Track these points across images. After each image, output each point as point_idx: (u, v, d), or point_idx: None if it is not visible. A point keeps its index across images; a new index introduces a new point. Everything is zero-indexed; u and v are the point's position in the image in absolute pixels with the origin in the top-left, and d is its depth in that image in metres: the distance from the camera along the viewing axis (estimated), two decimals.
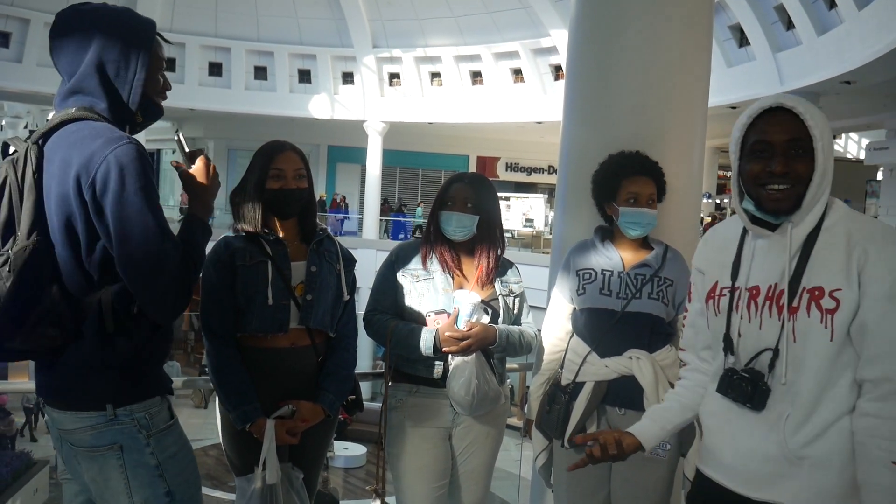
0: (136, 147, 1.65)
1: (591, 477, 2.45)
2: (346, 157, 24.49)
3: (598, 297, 2.42)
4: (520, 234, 20.78)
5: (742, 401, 1.67)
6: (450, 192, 2.53)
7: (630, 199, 2.43)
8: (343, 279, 2.43)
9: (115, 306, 1.69)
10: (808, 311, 1.60)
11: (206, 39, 20.13)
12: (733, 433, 1.71)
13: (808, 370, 1.61)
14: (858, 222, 1.64)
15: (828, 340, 1.59)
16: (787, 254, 1.64)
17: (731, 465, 1.71)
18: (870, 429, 1.55)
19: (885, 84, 12.25)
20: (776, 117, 1.64)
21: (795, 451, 1.61)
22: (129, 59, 1.73)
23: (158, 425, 1.77)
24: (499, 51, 19.40)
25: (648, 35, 2.77)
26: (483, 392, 2.40)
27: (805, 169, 1.62)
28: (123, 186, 1.61)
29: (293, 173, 2.34)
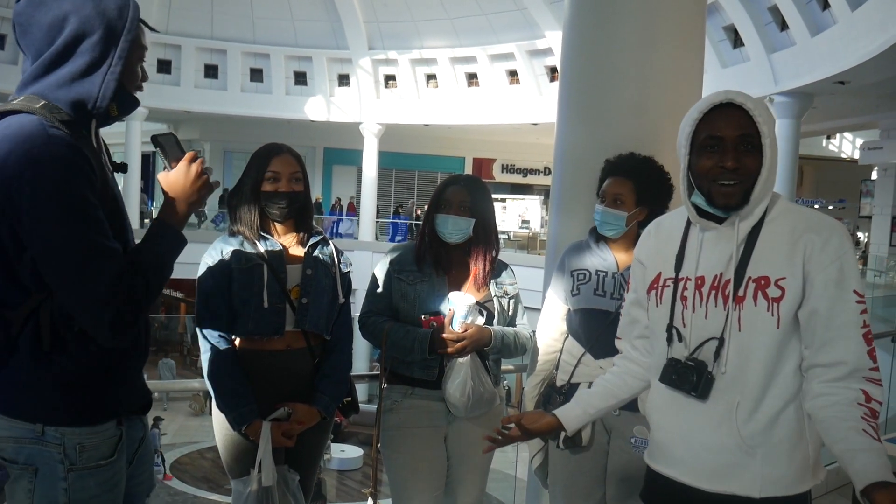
0: (60, 148, 1.43)
1: (586, 477, 2.46)
2: (342, 160, 24.49)
3: (592, 298, 2.43)
4: (516, 235, 20.81)
5: (687, 389, 1.67)
6: (445, 195, 2.53)
7: (602, 198, 2.47)
8: (338, 282, 2.43)
9: (55, 320, 1.49)
10: (754, 299, 1.63)
11: (202, 41, 20.12)
12: (681, 426, 1.71)
13: (755, 359, 1.63)
14: (801, 214, 1.69)
15: (774, 328, 1.62)
16: (733, 244, 1.66)
17: (681, 458, 1.71)
18: (830, 406, 1.58)
19: (878, 84, 12.29)
20: (726, 113, 1.66)
21: (748, 439, 1.62)
22: (107, 47, 1.52)
23: (87, 461, 1.53)
24: (494, 52, 19.43)
25: (642, 36, 2.78)
26: (478, 393, 2.40)
27: (753, 164, 1.64)
28: (37, 192, 1.40)
29: (289, 176, 2.34)
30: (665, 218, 1.89)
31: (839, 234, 1.64)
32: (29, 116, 1.46)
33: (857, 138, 19.56)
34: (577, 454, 2.45)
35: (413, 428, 2.47)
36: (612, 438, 2.43)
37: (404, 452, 2.47)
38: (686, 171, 1.72)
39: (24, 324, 1.50)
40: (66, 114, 1.51)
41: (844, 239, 1.64)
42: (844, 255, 1.62)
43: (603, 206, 2.46)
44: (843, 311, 1.60)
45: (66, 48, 1.50)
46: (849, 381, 1.59)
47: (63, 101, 1.51)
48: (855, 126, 17.02)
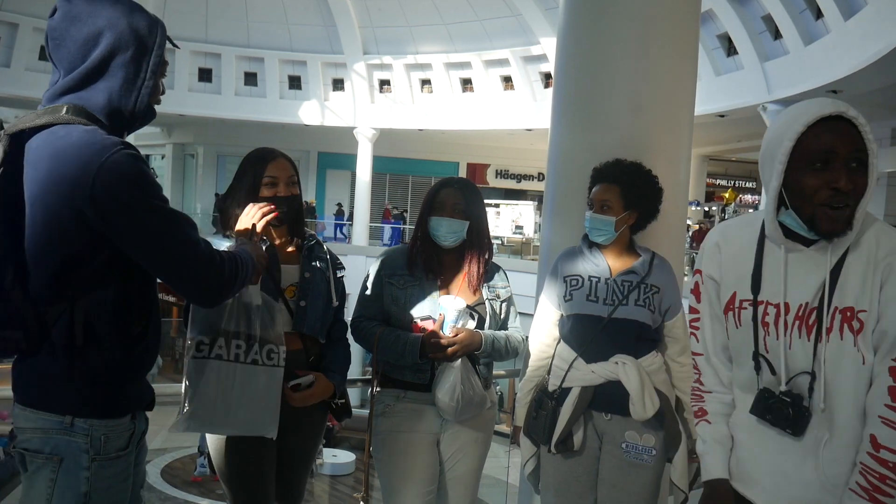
0: (133, 153, 1.55)
1: (578, 483, 2.46)
2: (337, 164, 24.48)
3: (584, 304, 2.43)
4: (509, 240, 20.81)
5: (782, 426, 1.59)
6: (439, 198, 2.53)
7: (589, 203, 2.48)
8: (332, 285, 2.43)
9: (89, 318, 1.58)
10: (840, 333, 1.53)
11: (196, 45, 20.09)
12: (767, 452, 1.64)
13: (844, 395, 1.54)
14: (885, 235, 1.56)
15: (860, 364, 1.53)
16: (824, 272, 1.54)
17: (763, 484, 1.65)
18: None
19: (871, 94, 12.36)
20: (835, 126, 1.51)
21: (832, 478, 1.56)
22: (140, 62, 1.62)
23: (109, 451, 1.63)
24: (489, 58, 19.46)
25: (635, 43, 2.79)
26: (468, 397, 2.40)
27: (864, 185, 1.50)
28: (130, 195, 1.52)
29: (286, 180, 2.35)
30: (733, 229, 1.77)
31: None
32: (86, 126, 1.56)
33: None
34: (569, 458, 2.45)
35: (405, 432, 2.47)
36: (603, 444, 2.44)
37: (396, 456, 2.47)
38: (779, 188, 1.55)
39: (58, 319, 1.58)
40: (106, 125, 1.60)
41: None
42: None
43: (591, 212, 2.47)
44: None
45: (101, 62, 1.59)
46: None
47: (101, 113, 1.60)
48: None
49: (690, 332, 1.85)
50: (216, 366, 2.13)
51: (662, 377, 2.43)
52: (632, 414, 2.35)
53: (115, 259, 1.58)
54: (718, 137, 18.80)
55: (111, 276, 1.60)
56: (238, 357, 2.14)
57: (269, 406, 2.17)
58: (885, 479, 1.47)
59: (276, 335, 2.19)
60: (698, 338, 1.82)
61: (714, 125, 16.24)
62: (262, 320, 2.17)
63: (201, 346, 2.14)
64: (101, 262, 1.58)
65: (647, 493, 2.41)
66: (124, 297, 1.62)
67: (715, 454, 1.74)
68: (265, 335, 2.17)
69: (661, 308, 2.44)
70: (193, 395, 2.13)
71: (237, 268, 1.71)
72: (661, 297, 2.42)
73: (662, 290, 2.42)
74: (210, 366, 2.12)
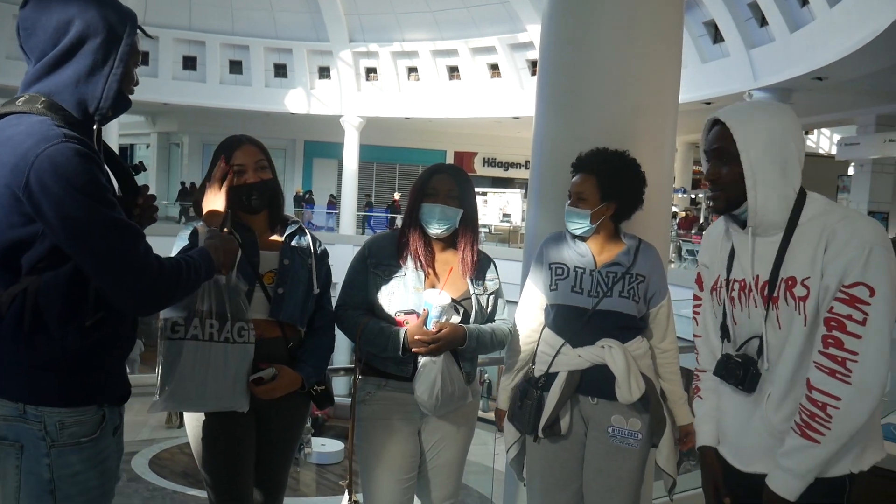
0: (72, 146, 1.52)
1: (563, 469, 2.47)
2: (323, 153, 24.40)
3: (569, 295, 2.43)
4: (497, 228, 20.83)
5: (735, 383, 1.83)
6: (432, 184, 2.48)
7: (568, 195, 2.47)
8: (314, 273, 2.41)
9: (37, 304, 1.55)
10: (785, 300, 1.74)
11: (180, 32, 19.92)
12: (731, 412, 1.88)
13: (786, 354, 1.76)
14: (828, 213, 1.75)
15: (802, 326, 1.73)
16: (761, 248, 1.80)
17: (728, 440, 1.90)
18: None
19: (855, 80, 12.43)
20: (713, 130, 1.84)
21: (777, 426, 1.76)
22: (109, 50, 1.62)
23: (68, 438, 1.60)
24: (476, 46, 19.42)
25: (620, 30, 2.79)
26: (448, 393, 2.38)
27: (730, 174, 1.77)
28: (62, 187, 1.50)
29: (254, 166, 2.32)
30: (719, 220, 1.99)
31: (862, 232, 1.67)
32: (38, 117, 1.55)
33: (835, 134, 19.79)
34: (555, 444, 2.46)
35: (386, 419, 2.45)
36: (589, 429, 2.44)
37: (376, 444, 2.45)
38: None
39: (11, 305, 1.56)
40: (71, 115, 1.60)
41: (869, 238, 1.66)
42: (860, 252, 1.65)
43: (567, 204, 2.46)
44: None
45: (69, 49, 1.59)
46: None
47: (68, 102, 1.60)
48: (832, 122, 17.22)
49: (693, 316, 2.07)
50: (192, 346, 2.12)
51: (647, 362, 2.44)
52: (618, 397, 2.36)
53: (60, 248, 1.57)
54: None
55: (60, 263, 1.57)
56: (212, 336, 2.14)
57: (238, 381, 2.18)
58: (815, 417, 1.66)
59: (245, 313, 2.20)
60: (698, 322, 2.05)
61: (701, 112, 16.21)
62: (233, 298, 2.17)
63: (176, 328, 2.13)
64: (46, 249, 1.56)
65: (633, 478, 2.42)
66: (77, 285, 1.58)
67: (703, 425, 2.00)
68: (235, 313, 2.17)
69: (647, 296, 2.44)
70: (170, 376, 2.13)
71: (181, 276, 1.67)
72: (646, 286, 2.42)
73: (648, 278, 2.42)
74: (186, 346, 2.12)
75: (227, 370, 2.16)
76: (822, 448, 1.66)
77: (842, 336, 1.65)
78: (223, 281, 2.15)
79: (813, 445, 1.66)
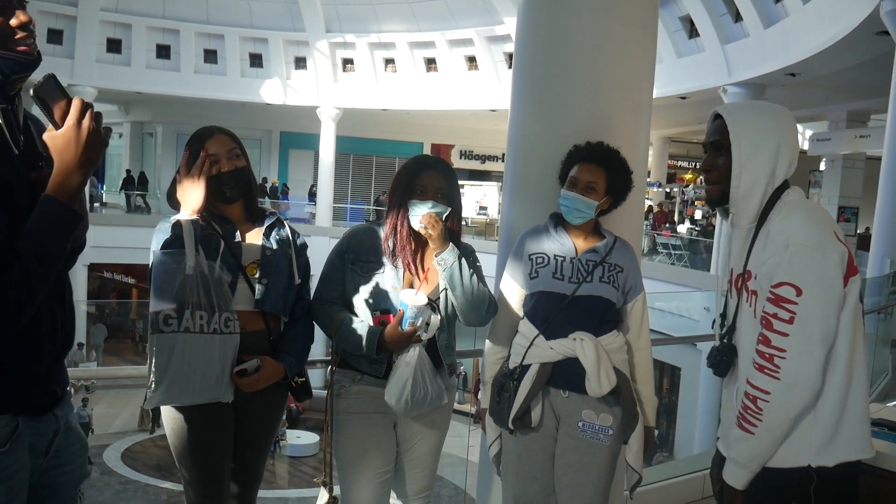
0: None
1: (534, 462, 2.48)
2: (299, 144, 24.23)
3: (550, 281, 2.44)
4: (473, 221, 20.86)
5: (709, 366, 1.94)
6: (421, 181, 2.42)
7: (571, 183, 2.46)
8: (294, 263, 2.41)
9: None
10: (746, 292, 1.84)
11: (154, 21, 19.65)
12: (723, 403, 1.98)
13: (745, 344, 1.85)
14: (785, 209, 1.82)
15: (752, 318, 1.82)
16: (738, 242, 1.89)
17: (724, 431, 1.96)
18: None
19: (828, 77, 12.60)
20: (714, 123, 1.89)
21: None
22: None
23: None
24: (453, 38, 19.38)
25: (594, 24, 2.79)
26: (418, 398, 2.35)
27: (724, 165, 1.84)
28: None
29: (227, 154, 2.31)
30: None
31: (789, 232, 1.74)
32: None
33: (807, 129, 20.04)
34: (526, 437, 2.47)
35: (361, 413, 2.44)
36: (560, 424, 2.46)
37: (352, 437, 2.45)
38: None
39: None
40: None
41: (794, 237, 1.73)
42: (783, 252, 1.73)
43: (574, 192, 2.44)
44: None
45: None
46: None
47: None
48: (804, 118, 17.42)
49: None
50: (184, 338, 2.12)
51: (622, 357, 2.45)
52: (587, 390, 2.36)
53: None
54: (680, 119, 19.01)
55: None
56: (202, 328, 2.14)
57: (224, 371, 2.18)
58: (748, 409, 1.76)
59: (230, 303, 2.20)
60: None
61: (676, 107, 16.42)
62: (218, 289, 2.17)
63: (169, 321, 2.12)
64: None
65: (603, 473, 2.42)
66: None
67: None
68: (222, 304, 2.17)
69: (625, 288, 2.46)
70: (166, 369, 2.12)
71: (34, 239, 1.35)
72: (625, 277, 2.44)
73: (626, 271, 2.45)
74: (180, 339, 2.12)
75: (215, 361, 2.16)
76: (757, 439, 1.75)
77: (769, 334, 1.72)
78: (208, 272, 2.14)
79: (748, 436, 1.76)
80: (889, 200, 8.96)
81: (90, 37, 18.54)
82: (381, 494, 2.48)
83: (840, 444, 1.77)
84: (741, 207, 1.85)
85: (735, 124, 1.82)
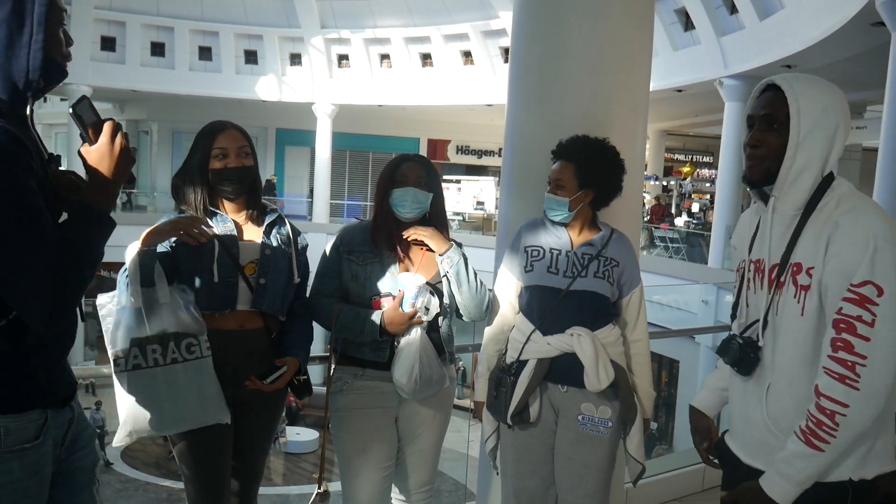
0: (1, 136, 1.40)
1: (534, 456, 2.48)
2: (295, 140, 24.17)
3: (544, 275, 2.44)
4: (470, 216, 20.86)
5: (731, 363, 1.77)
6: (401, 171, 2.50)
7: (548, 182, 2.48)
8: (294, 262, 2.41)
9: None
10: (790, 286, 1.67)
11: (148, 18, 19.58)
12: (735, 399, 1.83)
13: (785, 343, 1.68)
14: (845, 198, 1.67)
15: (798, 315, 1.65)
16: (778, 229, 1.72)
17: (737, 432, 1.83)
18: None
19: (823, 68, 12.57)
20: (764, 95, 1.73)
21: (776, 420, 1.69)
22: (23, 15, 1.46)
23: (10, 444, 1.51)
24: (448, 32, 19.34)
25: (591, 17, 2.79)
26: (426, 376, 2.39)
27: (776, 142, 1.68)
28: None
29: (237, 151, 2.30)
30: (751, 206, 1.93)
31: (867, 227, 1.59)
32: None
33: None
34: (525, 432, 2.47)
35: (363, 409, 2.46)
36: (559, 417, 2.46)
37: (354, 433, 2.46)
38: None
39: None
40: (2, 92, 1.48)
41: (874, 232, 1.58)
42: (864, 249, 1.56)
43: (546, 191, 2.47)
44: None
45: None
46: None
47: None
48: None
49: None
50: (136, 375, 2.12)
51: (619, 350, 2.45)
52: (586, 385, 2.37)
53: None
54: (676, 112, 18.99)
55: None
56: (157, 361, 2.12)
57: (211, 395, 2.18)
58: (822, 425, 1.58)
59: (192, 326, 2.17)
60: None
61: (672, 100, 16.40)
62: (174, 315, 2.14)
63: (118, 361, 2.12)
64: None
65: (603, 466, 2.43)
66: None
67: (702, 390, 2.07)
68: (181, 329, 2.15)
69: (620, 282, 2.46)
70: (121, 407, 2.14)
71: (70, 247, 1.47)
72: (620, 271, 2.44)
73: (622, 265, 2.44)
74: (132, 377, 2.12)
75: (187, 389, 2.14)
76: (825, 456, 1.59)
77: (851, 339, 1.55)
78: (160, 300, 2.13)
79: (816, 454, 1.58)
80: (885, 192, 8.96)
81: (84, 35, 18.46)
82: (383, 489, 2.49)
83: (877, 454, 1.65)
84: (788, 191, 1.69)
85: (798, 98, 1.66)
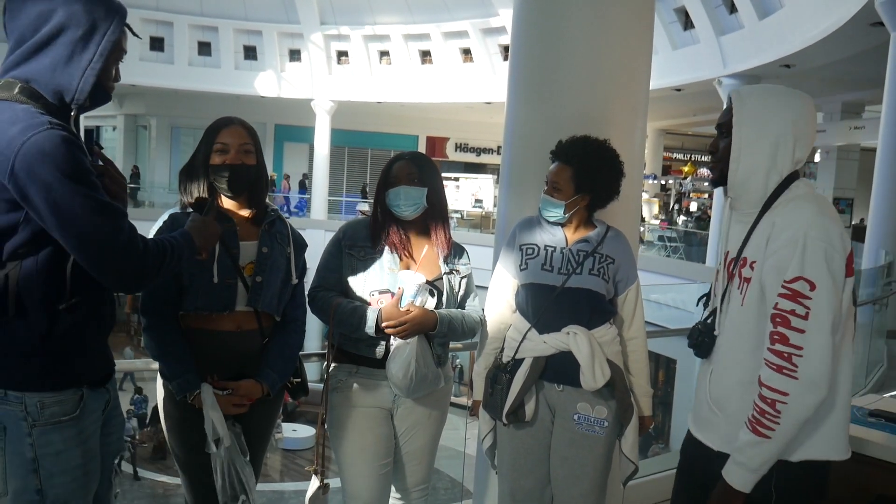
0: (58, 132, 1.57)
1: (530, 455, 2.48)
2: (294, 137, 24.14)
3: (539, 273, 2.43)
4: (469, 214, 20.85)
5: (690, 346, 1.95)
6: (392, 171, 2.51)
7: (545, 182, 2.48)
8: (292, 262, 2.39)
9: (19, 289, 1.61)
10: (737, 277, 1.82)
11: (147, 13, 19.51)
12: (698, 379, 1.98)
13: (728, 331, 1.85)
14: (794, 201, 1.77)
15: (739, 305, 1.80)
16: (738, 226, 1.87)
17: (693, 407, 2.00)
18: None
19: (822, 68, 12.60)
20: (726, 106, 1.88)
21: (715, 401, 1.87)
22: (88, 43, 1.65)
23: (49, 417, 1.67)
24: (448, 30, 19.31)
25: (591, 15, 2.79)
26: (422, 375, 2.38)
27: (727, 147, 1.83)
28: (50, 173, 1.54)
29: (238, 147, 2.28)
30: None
31: (797, 224, 1.70)
32: (22, 105, 1.59)
33: None
34: (521, 431, 2.47)
35: (359, 406, 2.45)
36: (556, 417, 2.46)
37: (351, 430, 2.46)
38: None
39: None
40: (50, 102, 1.63)
41: (804, 229, 1.68)
42: (794, 245, 1.68)
43: (543, 192, 2.47)
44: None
45: (48, 37, 1.63)
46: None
47: (45, 89, 1.63)
48: None
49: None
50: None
51: (615, 349, 2.45)
52: (582, 384, 2.37)
53: (44, 232, 1.60)
54: (675, 111, 18.99)
55: (41, 248, 1.63)
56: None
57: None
58: (765, 414, 1.70)
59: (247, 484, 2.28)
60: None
61: (671, 99, 16.40)
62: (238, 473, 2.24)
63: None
64: (28, 236, 1.61)
65: (599, 465, 2.43)
66: (55, 269, 1.64)
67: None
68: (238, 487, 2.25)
69: (616, 279, 2.45)
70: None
71: (164, 255, 1.73)
72: (616, 268, 2.44)
73: (618, 262, 2.44)
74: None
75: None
76: (773, 443, 1.70)
77: (787, 332, 1.67)
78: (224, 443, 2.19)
79: (763, 441, 1.70)
80: (884, 192, 8.98)
81: None
82: (382, 486, 2.49)
83: (816, 442, 1.76)
84: (739, 192, 1.83)
85: (740, 108, 1.80)
